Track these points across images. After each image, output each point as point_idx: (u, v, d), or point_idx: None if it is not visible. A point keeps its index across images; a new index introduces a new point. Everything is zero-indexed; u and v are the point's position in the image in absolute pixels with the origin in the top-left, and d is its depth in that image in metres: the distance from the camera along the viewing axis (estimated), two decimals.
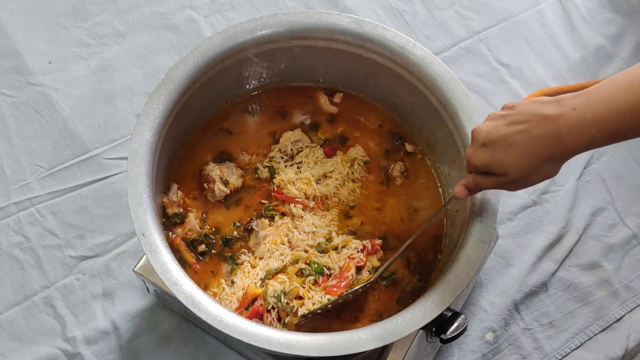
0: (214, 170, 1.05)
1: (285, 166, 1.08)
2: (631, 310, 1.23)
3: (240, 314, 0.93)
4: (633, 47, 1.48)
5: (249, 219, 1.04)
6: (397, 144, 1.12)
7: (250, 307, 0.96)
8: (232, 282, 1.00)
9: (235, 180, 1.06)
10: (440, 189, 1.09)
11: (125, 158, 1.13)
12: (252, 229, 1.04)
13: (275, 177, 1.07)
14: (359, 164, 1.09)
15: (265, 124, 1.13)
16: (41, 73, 1.39)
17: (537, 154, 0.79)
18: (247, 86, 1.13)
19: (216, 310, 0.85)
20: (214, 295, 0.99)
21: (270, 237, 1.02)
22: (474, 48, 1.47)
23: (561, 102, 0.78)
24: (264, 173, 1.08)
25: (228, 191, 1.05)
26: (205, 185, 1.06)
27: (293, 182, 1.06)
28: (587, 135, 0.77)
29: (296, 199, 1.05)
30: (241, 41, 1.05)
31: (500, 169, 0.81)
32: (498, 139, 0.80)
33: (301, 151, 1.09)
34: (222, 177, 1.05)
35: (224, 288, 0.99)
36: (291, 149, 1.09)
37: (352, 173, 1.08)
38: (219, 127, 1.12)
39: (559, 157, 0.80)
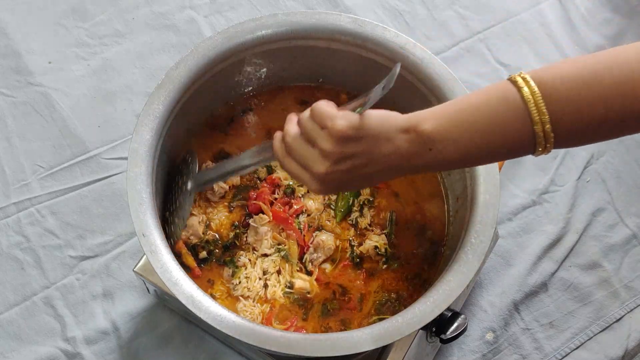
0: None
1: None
2: (631, 310, 1.23)
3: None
4: None
5: (243, 217, 1.04)
6: None
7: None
8: (238, 283, 1.00)
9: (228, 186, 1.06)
10: (441, 188, 1.09)
11: (125, 158, 1.13)
12: (248, 224, 1.03)
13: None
14: None
15: (265, 124, 1.13)
16: (41, 73, 1.39)
17: (380, 180, 0.80)
18: (247, 86, 1.13)
19: (216, 310, 0.85)
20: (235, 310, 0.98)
21: (271, 232, 1.02)
22: (474, 48, 1.47)
23: (415, 137, 0.74)
24: (262, 172, 1.07)
25: (227, 187, 1.05)
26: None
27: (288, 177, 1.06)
28: (438, 168, 0.84)
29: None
30: (241, 41, 1.05)
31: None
32: (352, 186, 0.80)
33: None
34: None
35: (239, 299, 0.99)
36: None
37: None
38: (219, 127, 1.11)
39: (402, 176, 0.81)
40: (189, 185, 0.99)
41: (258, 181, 1.07)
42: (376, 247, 1.01)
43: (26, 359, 1.14)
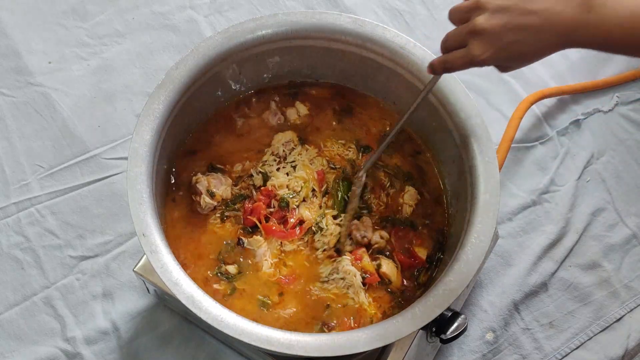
0: (201, 182, 1.04)
1: (278, 169, 1.06)
2: (631, 310, 1.23)
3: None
4: None
5: (237, 236, 1.02)
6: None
7: None
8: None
9: (223, 191, 1.04)
10: (442, 188, 1.09)
11: (125, 158, 1.13)
12: (243, 245, 1.02)
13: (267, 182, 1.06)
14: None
15: (265, 124, 1.12)
16: (41, 73, 1.39)
17: (545, 50, 0.79)
18: (248, 86, 1.13)
19: (216, 310, 0.85)
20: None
21: (269, 252, 1.01)
22: None
23: None
24: (258, 180, 1.06)
25: (215, 203, 1.03)
26: (193, 197, 1.04)
27: (286, 186, 1.05)
28: (597, 40, 0.76)
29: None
30: (241, 41, 1.05)
31: (509, 66, 0.83)
32: (510, 45, 0.79)
33: (293, 150, 1.09)
34: (209, 189, 1.03)
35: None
36: (283, 151, 1.09)
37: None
38: (218, 127, 1.11)
39: (559, 49, 0.79)
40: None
41: (254, 191, 1.05)
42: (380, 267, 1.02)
43: (26, 359, 1.14)
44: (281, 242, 1.01)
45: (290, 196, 1.03)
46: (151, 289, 1.09)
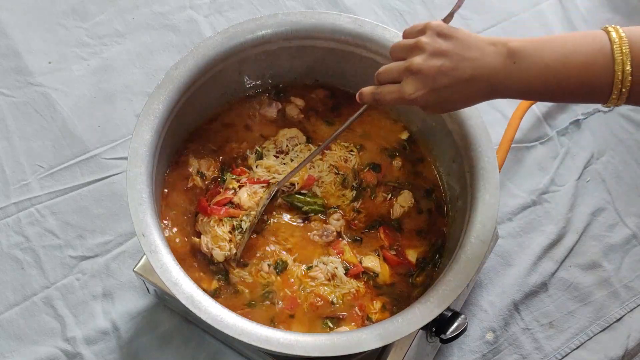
0: (193, 164, 1.06)
1: (277, 156, 1.08)
2: (631, 310, 1.23)
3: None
4: None
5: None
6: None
7: None
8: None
9: (211, 172, 1.06)
10: (442, 188, 1.09)
11: (125, 158, 1.13)
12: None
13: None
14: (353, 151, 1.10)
15: (265, 124, 1.13)
16: (41, 73, 1.39)
17: (475, 100, 0.83)
18: (247, 86, 1.13)
19: (216, 310, 0.85)
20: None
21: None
22: None
23: (502, 50, 0.80)
24: (252, 159, 1.07)
25: (202, 186, 1.05)
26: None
27: (271, 167, 1.06)
28: (515, 89, 0.80)
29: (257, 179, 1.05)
30: (241, 41, 1.05)
31: (437, 110, 0.86)
32: (445, 87, 0.81)
33: (296, 147, 1.09)
34: (200, 170, 1.06)
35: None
36: (287, 145, 1.09)
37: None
38: (218, 127, 1.11)
39: (485, 99, 0.83)
40: None
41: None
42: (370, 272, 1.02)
43: (26, 359, 1.14)
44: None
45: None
46: (151, 289, 1.10)
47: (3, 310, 1.17)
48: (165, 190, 1.05)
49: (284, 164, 1.07)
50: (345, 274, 1.00)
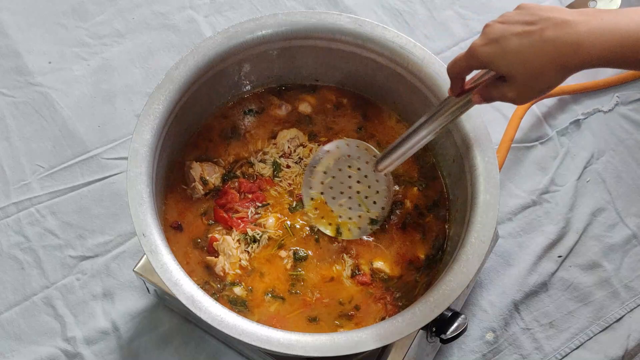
0: (195, 168, 1.05)
1: (288, 165, 1.08)
2: (631, 310, 1.23)
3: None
4: None
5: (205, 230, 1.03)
6: None
7: None
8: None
9: (215, 179, 1.06)
10: (442, 188, 1.09)
11: (125, 158, 1.13)
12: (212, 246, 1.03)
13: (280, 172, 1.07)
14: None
15: (265, 124, 1.13)
16: (41, 73, 1.39)
17: (548, 57, 0.76)
18: (247, 86, 1.13)
19: (216, 310, 0.85)
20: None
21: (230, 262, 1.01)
22: None
23: (585, 11, 0.75)
24: (267, 170, 1.07)
25: (204, 192, 1.05)
26: (187, 185, 1.06)
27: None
28: (605, 49, 0.73)
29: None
30: (241, 41, 1.05)
31: (507, 69, 0.78)
32: (511, 36, 0.77)
33: (298, 148, 1.09)
34: (203, 176, 1.05)
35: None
36: (288, 147, 1.09)
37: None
38: (218, 127, 1.11)
39: (569, 66, 0.76)
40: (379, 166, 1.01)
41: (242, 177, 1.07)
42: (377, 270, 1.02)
43: (26, 359, 1.14)
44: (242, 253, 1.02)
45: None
46: (151, 289, 1.10)
47: (3, 310, 1.17)
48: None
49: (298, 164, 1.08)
50: (353, 277, 1.00)
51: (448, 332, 0.93)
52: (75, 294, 1.19)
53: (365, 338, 0.85)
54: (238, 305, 0.97)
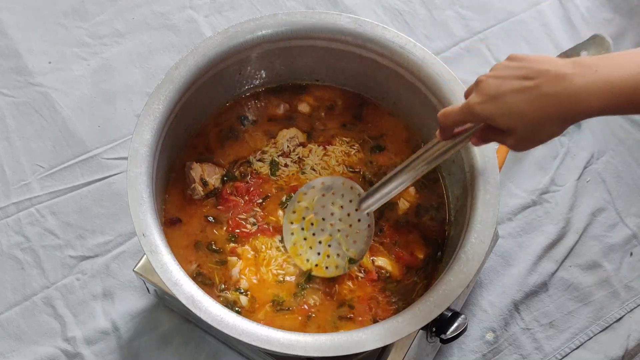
0: (195, 169, 1.05)
1: (286, 164, 1.08)
2: (631, 310, 1.23)
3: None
4: (633, 47, 1.48)
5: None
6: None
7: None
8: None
9: (215, 180, 1.05)
10: (442, 188, 1.09)
11: (125, 158, 1.13)
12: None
13: (278, 171, 1.07)
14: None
15: (264, 124, 1.13)
16: (41, 73, 1.39)
17: (548, 112, 0.75)
18: (247, 86, 1.13)
19: (216, 310, 0.85)
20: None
21: (247, 268, 1.00)
22: (474, 48, 1.47)
23: (579, 62, 0.75)
24: (264, 168, 1.07)
25: (204, 193, 1.05)
26: (187, 185, 1.06)
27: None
28: (604, 100, 0.73)
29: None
30: (241, 41, 1.05)
31: (506, 124, 0.78)
32: (509, 92, 0.76)
33: (298, 147, 1.09)
34: (203, 177, 1.05)
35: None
36: (287, 147, 1.09)
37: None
38: (218, 127, 1.11)
39: (569, 118, 0.76)
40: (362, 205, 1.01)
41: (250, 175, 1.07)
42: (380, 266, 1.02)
43: (26, 359, 1.14)
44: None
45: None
46: (151, 289, 1.09)
47: (3, 310, 1.17)
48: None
49: (304, 172, 1.07)
50: (362, 279, 1.01)
51: (448, 332, 0.93)
52: (75, 294, 1.19)
53: (365, 338, 0.85)
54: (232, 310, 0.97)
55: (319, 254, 1.01)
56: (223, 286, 0.99)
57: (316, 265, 1.00)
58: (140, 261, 1.04)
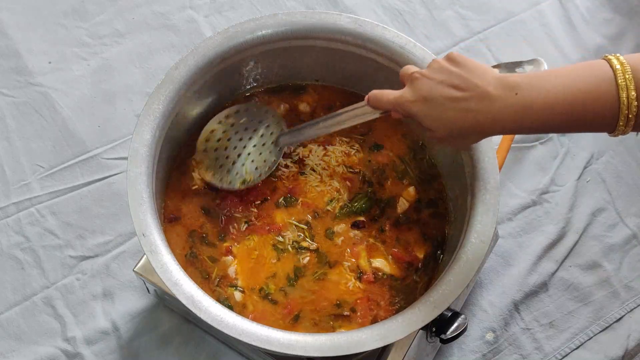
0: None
1: (286, 165, 1.08)
2: (631, 310, 1.23)
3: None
4: (633, 47, 1.48)
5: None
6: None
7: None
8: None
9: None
10: (442, 188, 1.09)
11: (125, 158, 1.13)
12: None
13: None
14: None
15: None
16: (41, 73, 1.39)
17: (468, 125, 0.80)
18: (247, 86, 1.13)
19: (216, 310, 0.85)
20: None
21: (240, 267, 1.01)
22: (474, 48, 1.47)
23: (505, 82, 0.79)
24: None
25: (202, 183, 1.05)
26: (188, 184, 1.06)
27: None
28: (518, 122, 0.79)
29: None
30: (241, 41, 1.05)
31: (431, 126, 0.83)
32: (439, 98, 0.81)
33: (298, 148, 1.09)
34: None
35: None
36: (287, 147, 1.09)
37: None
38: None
39: (487, 133, 0.83)
40: (280, 140, 1.05)
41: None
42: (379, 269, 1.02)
43: (26, 359, 1.14)
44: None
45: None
46: (151, 289, 1.10)
47: (3, 310, 1.17)
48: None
49: (304, 173, 1.08)
50: (359, 280, 1.00)
51: (448, 332, 0.92)
52: (75, 294, 1.19)
53: (365, 338, 0.85)
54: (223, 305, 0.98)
55: (221, 166, 1.05)
56: (217, 280, 0.99)
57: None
58: (140, 261, 1.04)
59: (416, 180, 1.09)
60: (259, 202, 1.05)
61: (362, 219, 1.04)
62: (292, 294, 0.99)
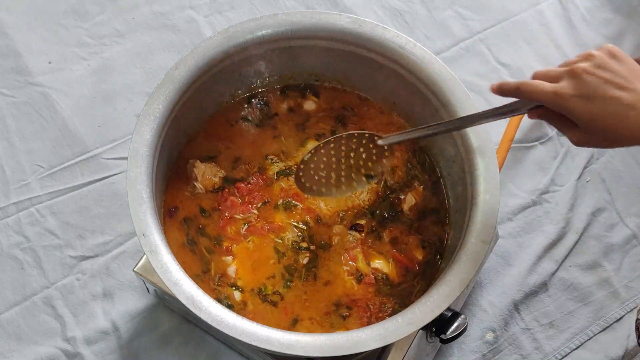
0: (198, 167, 1.05)
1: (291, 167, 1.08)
2: (631, 310, 1.23)
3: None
4: (633, 47, 1.48)
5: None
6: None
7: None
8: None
9: (217, 179, 1.05)
10: (442, 188, 1.09)
11: (125, 158, 1.13)
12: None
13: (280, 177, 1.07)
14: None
15: (264, 123, 1.13)
16: (41, 73, 1.39)
17: (625, 128, 0.77)
18: (247, 86, 1.13)
19: (216, 310, 0.85)
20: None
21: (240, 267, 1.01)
22: (474, 48, 1.47)
23: None
24: (272, 169, 1.07)
25: (204, 191, 1.05)
26: (188, 184, 1.06)
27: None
28: None
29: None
30: (241, 41, 1.05)
31: (588, 126, 0.79)
32: (604, 98, 0.77)
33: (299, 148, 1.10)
34: (205, 176, 1.05)
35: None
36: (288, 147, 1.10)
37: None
38: (218, 127, 1.11)
39: (637, 137, 0.78)
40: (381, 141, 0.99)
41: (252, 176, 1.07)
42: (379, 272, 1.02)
43: (26, 359, 1.14)
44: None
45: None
46: (151, 289, 1.10)
47: (3, 310, 1.17)
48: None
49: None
50: (359, 282, 1.00)
51: (448, 332, 0.93)
52: (75, 294, 1.19)
53: (365, 338, 0.85)
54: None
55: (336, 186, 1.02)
56: (217, 278, 0.99)
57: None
58: (140, 261, 1.05)
59: (417, 181, 1.09)
60: (260, 204, 1.05)
61: (361, 222, 1.04)
62: (291, 295, 0.99)
